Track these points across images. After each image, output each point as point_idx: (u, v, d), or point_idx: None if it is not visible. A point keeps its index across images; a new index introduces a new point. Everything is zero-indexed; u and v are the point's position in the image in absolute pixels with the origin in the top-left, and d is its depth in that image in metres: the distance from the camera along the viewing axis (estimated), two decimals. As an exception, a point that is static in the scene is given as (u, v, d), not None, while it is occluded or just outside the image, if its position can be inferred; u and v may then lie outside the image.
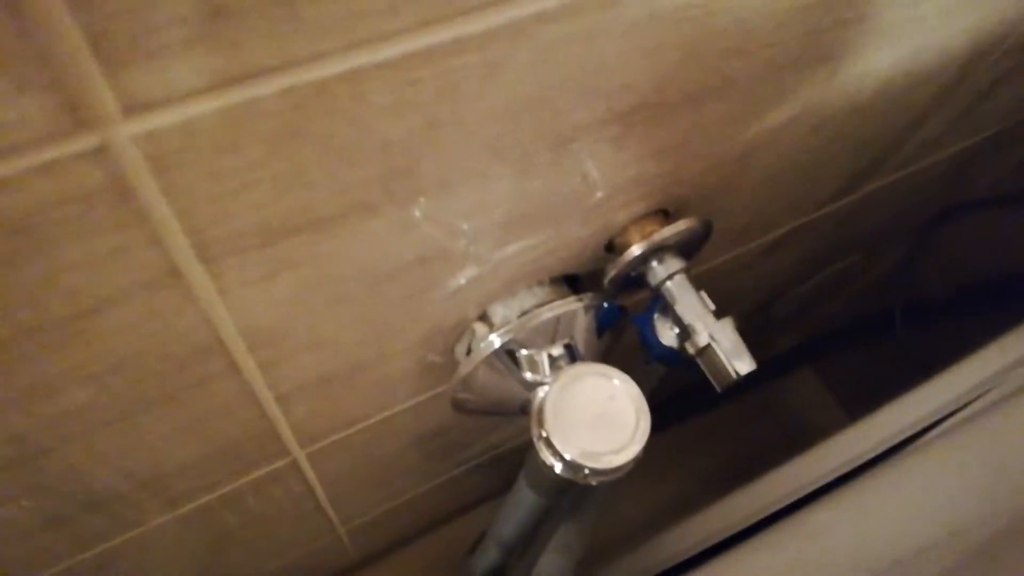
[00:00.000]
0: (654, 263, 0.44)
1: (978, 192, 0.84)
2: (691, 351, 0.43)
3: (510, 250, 0.40)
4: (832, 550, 0.45)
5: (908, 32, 0.41)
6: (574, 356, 0.45)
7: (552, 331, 0.44)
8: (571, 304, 0.43)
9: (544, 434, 0.40)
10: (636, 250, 0.43)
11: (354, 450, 0.53)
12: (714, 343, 0.42)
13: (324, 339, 0.38)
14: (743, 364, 0.42)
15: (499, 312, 0.44)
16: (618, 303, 0.46)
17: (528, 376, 0.44)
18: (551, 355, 0.44)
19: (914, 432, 0.53)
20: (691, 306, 0.43)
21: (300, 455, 0.50)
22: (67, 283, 0.27)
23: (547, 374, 0.43)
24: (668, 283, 0.44)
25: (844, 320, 1.08)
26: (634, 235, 0.43)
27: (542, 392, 0.42)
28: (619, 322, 0.48)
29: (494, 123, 0.31)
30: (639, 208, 0.43)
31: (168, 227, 0.27)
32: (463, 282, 0.40)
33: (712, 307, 0.43)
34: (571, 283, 0.46)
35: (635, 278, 0.45)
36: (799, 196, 0.57)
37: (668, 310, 0.44)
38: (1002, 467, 0.44)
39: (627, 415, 0.40)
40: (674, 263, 0.44)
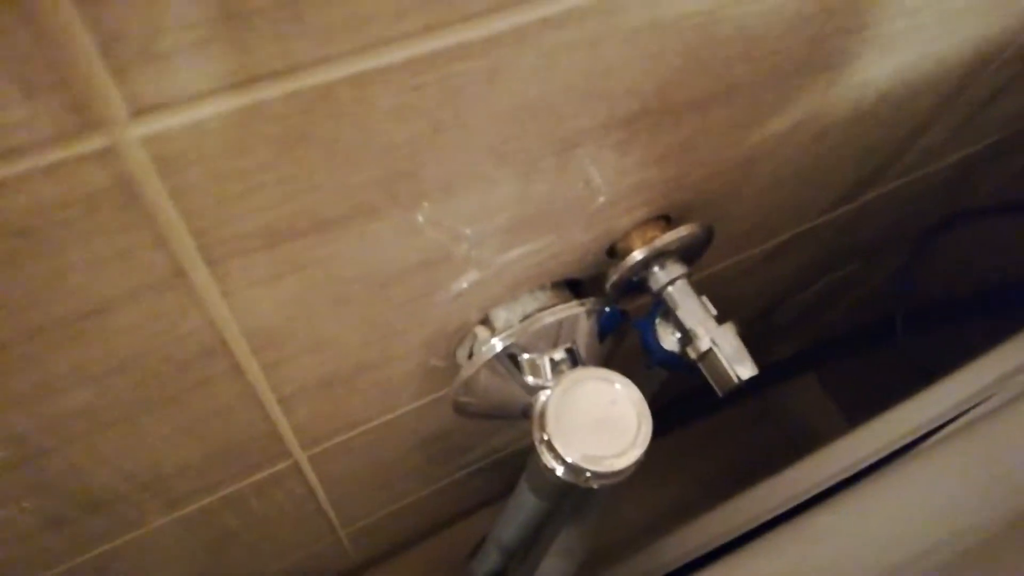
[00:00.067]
0: (656, 268, 0.44)
1: (979, 199, 0.84)
2: (693, 356, 0.43)
3: (512, 254, 0.40)
4: (833, 554, 0.45)
5: (909, 41, 0.41)
6: (576, 360, 0.45)
7: (554, 335, 0.44)
8: (573, 308, 0.43)
9: (546, 437, 0.40)
10: (638, 255, 0.43)
11: (356, 453, 0.53)
12: (716, 348, 0.42)
13: (327, 341, 0.38)
14: (745, 369, 0.42)
15: (501, 316, 0.44)
16: (620, 307, 0.46)
17: (530, 380, 0.44)
18: (553, 359, 0.44)
19: (915, 438, 0.53)
20: (693, 311, 0.43)
21: (302, 457, 0.50)
22: (72, 284, 0.27)
23: (549, 378, 0.43)
24: (670, 288, 0.44)
25: (845, 327, 1.08)
26: (636, 240, 0.43)
27: (544, 396, 0.42)
28: (621, 326, 0.48)
29: (497, 128, 0.31)
30: (641, 213, 0.43)
31: (174, 228, 0.27)
32: (465, 286, 0.40)
33: (714, 312, 0.44)
34: (573, 287, 0.47)
35: (637, 283, 0.45)
36: (801, 203, 0.58)
37: (670, 315, 0.44)
38: (1003, 471, 0.44)
39: (629, 419, 0.40)
40: (676, 268, 0.44)
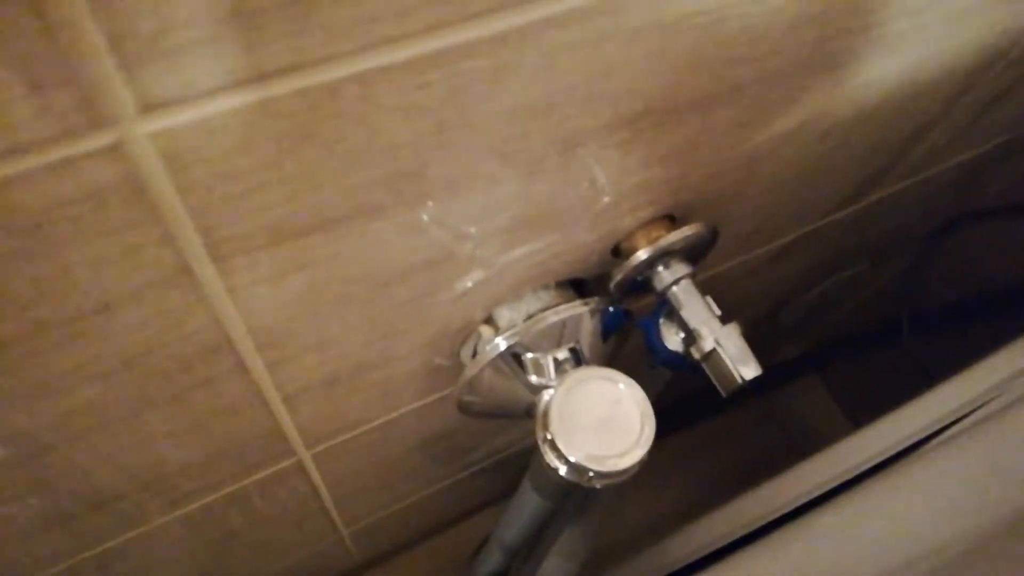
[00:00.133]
0: (660, 268, 0.44)
1: (987, 200, 0.83)
2: (696, 356, 0.43)
3: (516, 254, 0.40)
4: (835, 555, 0.44)
5: (913, 41, 0.41)
6: (579, 360, 0.45)
7: (558, 335, 0.44)
8: (577, 308, 0.43)
9: (549, 437, 0.40)
10: (642, 255, 0.43)
11: (359, 452, 0.53)
12: (720, 348, 0.42)
13: (331, 340, 0.38)
14: (749, 369, 0.42)
15: (505, 315, 0.44)
16: (624, 307, 0.46)
17: (533, 379, 0.44)
18: (556, 359, 0.44)
19: (919, 439, 0.53)
20: (697, 311, 0.43)
21: (305, 456, 0.50)
22: (78, 280, 0.27)
23: (552, 377, 0.44)
24: (674, 288, 0.44)
25: (850, 328, 1.07)
26: (640, 240, 0.43)
27: (547, 395, 0.42)
28: (624, 326, 0.48)
29: (501, 127, 0.31)
30: (646, 213, 0.43)
31: (181, 226, 0.27)
32: (469, 285, 0.40)
33: (718, 312, 0.43)
34: (577, 287, 0.47)
35: (641, 283, 0.45)
36: (806, 203, 0.57)
37: (674, 315, 0.44)
38: (1005, 473, 0.44)
39: (632, 419, 0.40)
40: (680, 268, 0.44)
